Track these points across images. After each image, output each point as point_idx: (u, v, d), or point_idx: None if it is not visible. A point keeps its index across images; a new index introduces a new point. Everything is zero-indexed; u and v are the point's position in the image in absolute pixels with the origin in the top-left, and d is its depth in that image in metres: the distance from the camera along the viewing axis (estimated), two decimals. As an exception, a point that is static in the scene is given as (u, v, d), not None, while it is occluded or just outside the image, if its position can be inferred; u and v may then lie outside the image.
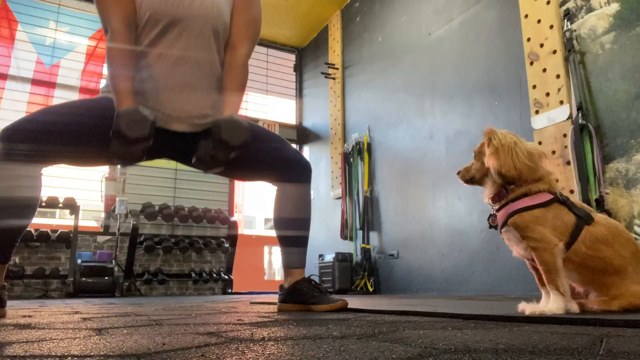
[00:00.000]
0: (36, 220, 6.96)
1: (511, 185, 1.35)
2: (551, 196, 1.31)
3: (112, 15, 1.59)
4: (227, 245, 6.19)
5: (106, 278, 5.06)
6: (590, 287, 1.32)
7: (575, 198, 2.78)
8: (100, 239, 5.66)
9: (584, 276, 1.31)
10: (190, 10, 1.65)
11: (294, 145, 7.09)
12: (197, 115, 1.72)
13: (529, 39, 3.42)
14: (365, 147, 5.42)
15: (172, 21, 1.63)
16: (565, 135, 3.05)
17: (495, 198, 1.39)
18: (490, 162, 1.34)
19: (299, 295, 1.80)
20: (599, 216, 1.33)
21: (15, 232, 1.54)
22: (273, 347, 0.74)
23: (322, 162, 6.53)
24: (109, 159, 1.60)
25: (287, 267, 1.88)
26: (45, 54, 5.64)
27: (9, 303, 1.86)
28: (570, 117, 3.05)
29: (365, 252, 5.07)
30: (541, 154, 1.37)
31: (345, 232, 5.55)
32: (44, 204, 5.12)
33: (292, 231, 1.87)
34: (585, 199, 2.82)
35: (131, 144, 1.49)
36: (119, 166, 1.60)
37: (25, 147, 1.48)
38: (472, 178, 1.44)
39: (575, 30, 3.14)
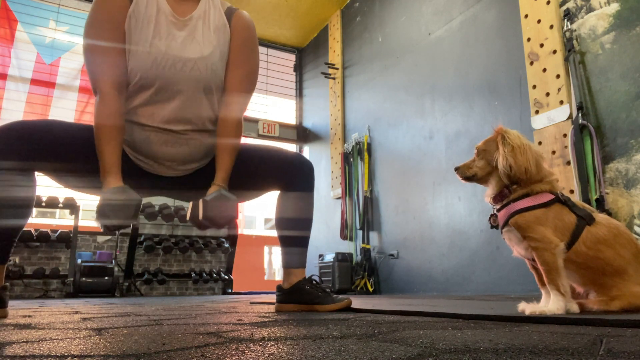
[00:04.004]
0: (36, 220, 6.96)
1: (514, 185, 1.34)
2: (552, 196, 1.31)
3: (102, 78, 1.53)
4: (227, 245, 6.19)
5: (106, 278, 5.06)
6: (590, 288, 1.32)
7: (576, 198, 2.78)
8: (100, 239, 5.66)
9: (584, 276, 1.31)
10: (182, 74, 1.58)
11: (293, 146, 7.10)
12: (189, 163, 1.71)
13: (529, 39, 3.42)
14: (365, 147, 5.42)
15: (163, 85, 1.58)
16: (565, 135, 3.05)
17: (497, 198, 1.38)
18: (506, 161, 1.31)
19: (302, 295, 1.80)
20: (600, 216, 1.33)
21: (11, 233, 1.54)
22: (273, 347, 0.74)
23: (322, 162, 6.53)
24: (93, 191, 1.62)
25: (288, 266, 1.87)
26: (45, 53, 5.64)
27: (9, 303, 1.85)
28: (570, 117, 3.05)
29: (365, 252, 5.07)
30: (542, 155, 1.38)
31: (345, 232, 5.55)
32: (43, 204, 5.12)
33: (295, 231, 1.86)
34: (586, 199, 2.82)
35: (116, 226, 1.46)
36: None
37: (19, 147, 1.47)
38: (474, 176, 1.41)
39: (575, 30, 3.14)
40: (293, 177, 1.84)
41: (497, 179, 1.37)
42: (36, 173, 1.58)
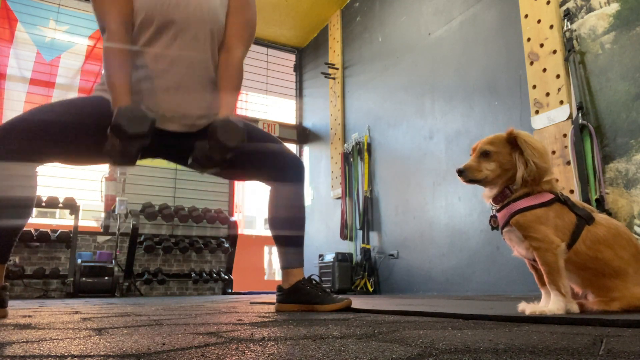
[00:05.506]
0: (36, 220, 6.96)
1: (514, 186, 1.34)
2: (552, 196, 1.31)
3: (109, 15, 1.59)
4: (227, 245, 6.19)
5: (106, 278, 5.06)
6: (589, 289, 1.32)
7: (576, 198, 2.78)
8: (100, 239, 5.66)
9: (583, 277, 1.31)
10: (185, 13, 1.65)
11: (293, 146, 7.11)
12: (192, 116, 1.73)
13: (529, 39, 3.42)
14: (365, 147, 5.42)
15: (167, 22, 1.64)
16: (565, 135, 3.05)
17: (498, 198, 1.37)
18: (534, 164, 1.28)
19: (302, 295, 1.80)
20: (600, 216, 1.33)
21: (12, 232, 1.54)
22: (273, 347, 0.74)
23: (322, 162, 6.53)
24: (104, 157, 1.60)
25: (286, 267, 1.87)
26: (46, 52, 5.64)
27: (9, 303, 1.86)
28: (570, 117, 3.05)
29: (365, 252, 5.07)
30: None
31: (345, 232, 5.55)
32: (43, 204, 5.12)
33: (289, 231, 1.87)
34: (586, 199, 2.82)
35: (129, 140, 1.48)
36: (113, 166, 1.58)
37: (19, 146, 1.48)
38: (484, 179, 1.35)
39: (575, 30, 3.14)
40: (283, 172, 1.85)
41: (503, 180, 1.35)
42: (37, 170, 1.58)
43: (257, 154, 1.83)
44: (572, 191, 2.93)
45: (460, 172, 1.36)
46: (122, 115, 1.47)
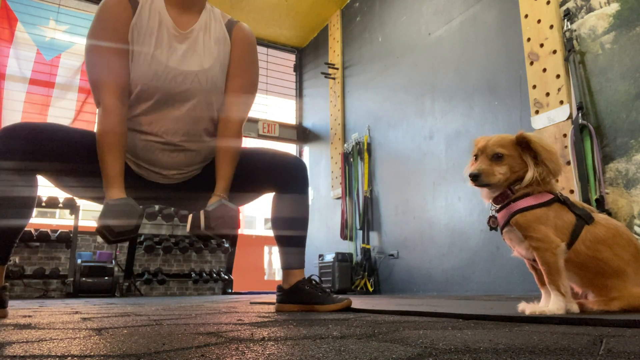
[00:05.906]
0: (36, 220, 6.96)
1: (516, 186, 1.34)
2: (552, 196, 1.31)
3: (105, 90, 1.53)
4: (227, 245, 6.19)
5: (106, 278, 5.07)
6: (589, 289, 1.32)
7: (576, 198, 2.78)
8: (100, 239, 5.65)
9: (583, 277, 1.31)
10: (182, 87, 1.61)
11: (293, 146, 7.10)
12: (187, 171, 1.73)
13: (529, 39, 3.42)
14: (365, 147, 5.42)
15: (164, 96, 1.59)
16: (565, 135, 3.05)
17: (499, 199, 1.37)
18: (551, 166, 1.28)
19: (302, 295, 1.80)
20: (599, 216, 1.33)
21: (12, 233, 1.53)
22: (273, 347, 0.74)
23: (322, 162, 6.53)
24: (94, 197, 1.64)
25: (287, 267, 1.87)
26: (45, 52, 5.64)
27: (9, 303, 1.86)
28: (570, 117, 3.05)
29: (365, 252, 5.07)
30: None
31: (345, 232, 5.55)
32: (43, 204, 5.12)
33: (291, 231, 1.87)
34: (586, 199, 2.82)
35: (118, 235, 1.46)
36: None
37: (24, 147, 1.47)
38: (497, 183, 1.32)
39: (575, 30, 3.14)
40: (287, 179, 1.83)
41: (508, 182, 1.35)
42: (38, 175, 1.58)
43: (261, 177, 1.81)
44: (572, 191, 2.93)
45: (476, 177, 1.31)
46: (110, 212, 1.44)
